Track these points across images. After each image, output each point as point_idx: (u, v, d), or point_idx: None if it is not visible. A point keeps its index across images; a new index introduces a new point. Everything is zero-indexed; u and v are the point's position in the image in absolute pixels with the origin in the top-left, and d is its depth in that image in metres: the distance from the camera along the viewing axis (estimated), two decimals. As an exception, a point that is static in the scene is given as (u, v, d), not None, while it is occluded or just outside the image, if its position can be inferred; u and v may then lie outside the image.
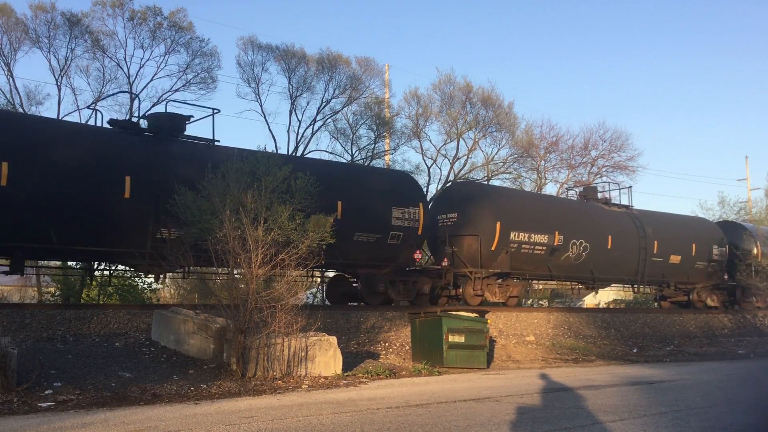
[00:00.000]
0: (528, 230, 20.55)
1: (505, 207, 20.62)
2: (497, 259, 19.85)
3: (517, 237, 20.23)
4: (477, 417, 7.72)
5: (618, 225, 23.94)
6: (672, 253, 25.46)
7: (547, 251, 21.07)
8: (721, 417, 8.05)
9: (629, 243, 23.89)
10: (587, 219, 23.22)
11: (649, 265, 24.59)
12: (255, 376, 10.56)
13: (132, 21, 25.94)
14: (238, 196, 11.20)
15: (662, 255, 25.01)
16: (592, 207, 24.46)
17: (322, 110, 29.71)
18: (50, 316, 12.83)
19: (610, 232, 23.21)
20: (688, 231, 26.73)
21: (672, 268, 25.60)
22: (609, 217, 24.13)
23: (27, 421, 7.29)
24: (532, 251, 20.74)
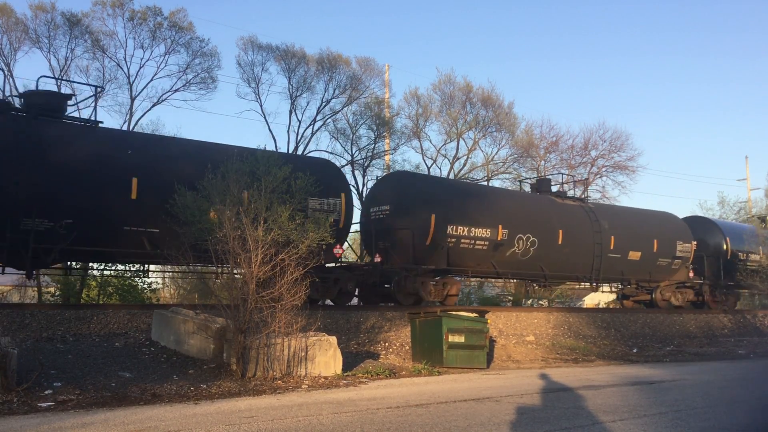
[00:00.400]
0: (468, 224, 19.08)
1: (441, 198, 19.04)
2: (433, 254, 18.50)
3: (456, 231, 18.75)
4: (477, 417, 7.72)
5: (571, 219, 22.38)
6: (631, 249, 23.94)
7: (490, 246, 19.65)
8: (721, 417, 8.05)
9: (583, 238, 22.34)
10: (536, 212, 21.62)
11: (606, 261, 23.05)
12: (255, 376, 10.56)
13: (132, 21, 25.95)
14: (238, 196, 11.21)
15: (620, 251, 23.52)
16: (541, 200, 22.88)
17: (322, 110, 29.74)
18: (50, 316, 12.83)
19: (561, 226, 21.66)
20: (649, 226, 25.16)
21: (632, 265, 24.09)
22: (561, 210, 22.48)
23: (27, 421, 7.29)
24: (473, 246, 19.29)
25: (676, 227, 26.17)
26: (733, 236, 27.55)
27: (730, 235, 27.27)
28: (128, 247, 14.40)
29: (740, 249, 27.20)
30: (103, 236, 14.20)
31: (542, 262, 21.23)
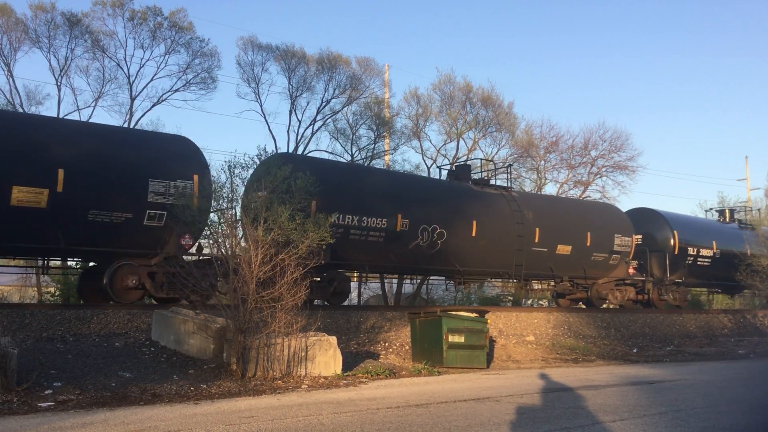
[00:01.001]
0: (358, 212, 17.04)
1: (326, 182, 16.20)
2: None
3: (342, 221, 16.58)
4: (477, 417, 7.72)
5: (488, 209, 20.41)
6: (560, 242, 21.79)
7: (387, 238, 17.63)
8: (721, 417, 8.05)
9: (502, 230, 20.37)
10: (445, 201, 19.64)
11: (530, 256, 21.00)
12: (255, 376, 10.56)
13: (132, 21, 25.93)
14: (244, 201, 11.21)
15: (546, 245, 21.36)
16: (453, 187, 20.87)
17: (322, 110, 29.71)
18: (50, 316, 12.83)
19: (475, 216, 19.80)
20: (583, 218, 23.13)
21: (562, 261, 21.99)
22: (477, 199, 20.55)
23: (27, 421, 7.29)
24: (365, 238, 17.26)
25: (615, 219, 24.19)
26: (683, 229, 25.80)
27: (678, 229, 25.50)
28: None
29: (690, 243, 25.65)
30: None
31: (453, 256, 19.21)
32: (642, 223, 25.34)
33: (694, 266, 25.81)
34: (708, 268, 26.35)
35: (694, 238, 26.02)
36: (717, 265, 26.61)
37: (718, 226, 28.86)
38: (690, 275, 25.78)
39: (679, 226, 25.67)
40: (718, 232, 27.80)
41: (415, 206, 18.45)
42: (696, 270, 25.96)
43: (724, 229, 28.55)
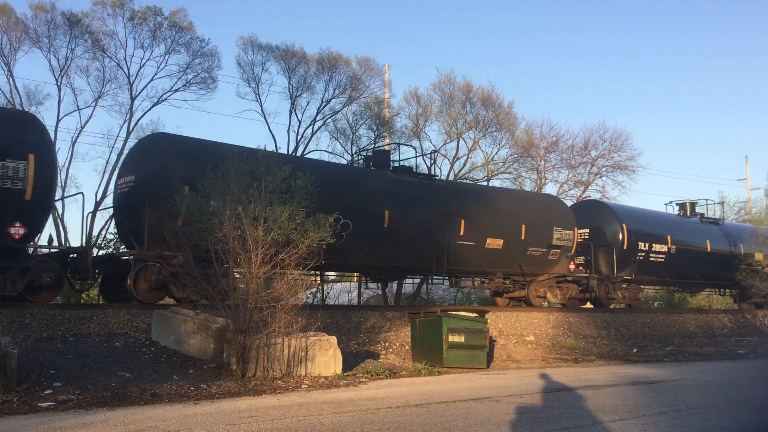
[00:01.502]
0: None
1: (197, 162, 13.92)
2: None
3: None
4: (477, 417, 7.72)
5: (405, 198, 18.51)
6: (490, 235, 19.80)
7: None
8: (721, 417, 8.05)
9: (421, 222, 18.39)
10: (351, 188, 17.64)
11: (455, 250, 19.14)
12: (255, 376, 10.56)
13: (132, 21, 25.91)
14: (239, 196, 11.21)
15: (474, 238, 19.29)
16: (364, 174, 19.01)
17: (322, 110, 29.71)
18: (50, 316, 12.82)
19: (389, 206, 17.91)
20: (517, 209, 21.14)
21: (493, 256, 20.01)
22: (392, 187, 18.57)
23: (27, 421, 7.29)
24: None
25: (555, 211, 22.04)
26: (633, 223, 23.77)
27: (628, 222, 23.48)
28: None
29: (642, 238, 23.67)
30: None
31: (361, 250, 17.23)
32: (590, 216, 23.63)
33: (646, 263, 23.78)
34: (662, 265, 24.38)
35: (647, 232, 24.06)
36: (673, 262, 24.70)
37: (675, 220, 26.93)
38: (641, 272, 23.85)
39: (629, 220, 23.75)
40: (675, 227, 25.89)
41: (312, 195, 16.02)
42: (649, 267, 24.00)
43: (683, 224, 26.76)
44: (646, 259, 23.80)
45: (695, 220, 27.44)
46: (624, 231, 23.02)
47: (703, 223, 27.51)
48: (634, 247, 23.30)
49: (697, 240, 26.09)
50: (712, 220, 28.01)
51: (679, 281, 26.49)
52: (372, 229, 17.48)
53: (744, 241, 27.48)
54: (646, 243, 23.78)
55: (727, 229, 27.68)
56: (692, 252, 25.55)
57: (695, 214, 27.90)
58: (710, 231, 27.05)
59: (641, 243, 23.54)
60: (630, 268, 23.17)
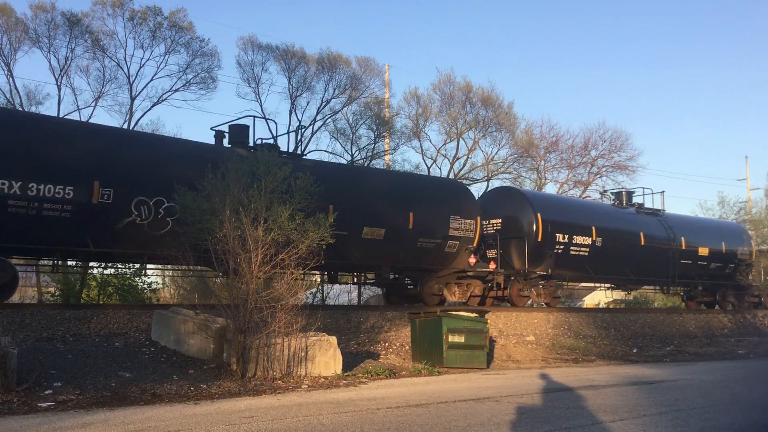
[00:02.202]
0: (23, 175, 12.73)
1: None
2: None
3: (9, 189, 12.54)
4: (477, 417, 7.72)
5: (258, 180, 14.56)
6: (367, 224, 17.06)
7: (75, 213, 13.26)
8: (721, 417, 8.06)
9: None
10: (187, 166, 14.35)
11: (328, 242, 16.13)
12: (255, 376, 10.56)
13: (132, 21, 25.91)
14: (239, 196, 11.21)
15: (346, 227, 15.73)
16: (210, 149, 15.92)
17: (322, 110, 29.72)
18: (50, 316, 12.82)
19: None
20: (403, 194, 18.39)
21: (372, 248, 17.23)
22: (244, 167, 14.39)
23: (27, 421, 7.29)
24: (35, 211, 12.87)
25: (452, 198, 19.34)
26: (550, 212, 21.13)
27: (544, 211, 20.82)
28: None
29: (560, 229, 21.04)
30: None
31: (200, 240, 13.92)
32: (504, 204, 21.32)
33: (565, 256, 21.14)
34: (586, 259, 21.73)
35: (566, 222, 21.39)
36: (598, 256, 22.03)
37: (603, 209, 24.37)
38: (561, 267, 21.24)
39: (546, 208, 21.15)
40: (603, 217, 23.15)
41: (128, 170, 13.99)
42: (569, 261, 21.36)
43: (613, 214, 24.10)
44: (566, 253, 21.16)
45: (631, 210, 24.87)
46: (538, 221, 20.40)
47: (639, 213, 24.87)
48: (550, 239, 20.65)
49: (629, 232, 23.47)
50: (651, 211, 25.45)
51: (607, 277, 23.71)
52: None
53: (687, 233, 25.35)
54: (566, 235, 21.11)
55: (667, 221, 25.14)
56: (622, 245, 22.97)
57: (632, 204, 25.43)
58: (646, 222, 24.48)
59: (559, 235, 20.90)
60: (546, 262, 20.66)
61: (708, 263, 25.99)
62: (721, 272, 26.63)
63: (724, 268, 26.59)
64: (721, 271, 26.61)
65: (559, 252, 20.96)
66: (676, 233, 24.93)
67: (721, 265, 26.47)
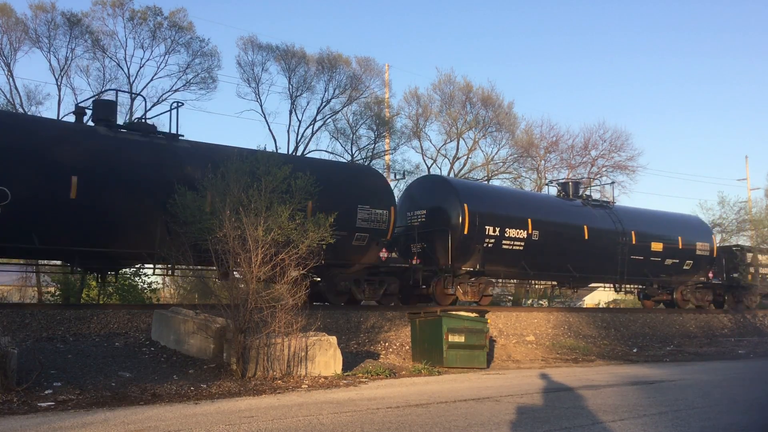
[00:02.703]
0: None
1: None
2: None
3: None
4: (477, 417, 7.73)
5: (120, 162, 14.20)
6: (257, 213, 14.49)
7: None
8: (721, 417, 8.06)
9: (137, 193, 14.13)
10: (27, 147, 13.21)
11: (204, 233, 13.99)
12: (255, 376, 10.56)
13: (132, 21, 25.95)
14: (238, 196, 11.21)
15: None
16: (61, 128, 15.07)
17: (322, 110, 29.74)
18: (50, 316, 12.83)
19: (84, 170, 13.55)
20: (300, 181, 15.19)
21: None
22: (100, 147, 14.23)
23: (27, 421, 7.29)
24: None
25: (362, 186, 17.50)
26: (479, 204, 19.29)
27: (471, 202, 19.01)
28: None
29: (490, 221, 19.23)
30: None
31: (34, 228, 13.10)
32: (431, 194, 19.62)
33: (497, 251, 19.41)
34: (521, 254, 19.97)
35: (497, 214, 19.64)
36: (535, 251, 20.29)
37: (541, 201, 22.65)
38: (492, 263, 19.55)
39: (474, 199, 19.34)
40: (541, 209, 21.34)
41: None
42: (502, 256, 19.61)
43: (554, 206, 22.28)
44: (497, 247, 19.39)
45: (576, 202, 23.02)
46: (465, 212, 18.61)
47: (585, 205, 23.02)
48: (479, 232, 18.92)
49: (571, 225, 21.68)
50: (599, 203, 23.86)
51: (546, 274, 21.85)
52: (54, 199, 13.22)
53: (638, 227, 23.66)
54: (497, 227, 19.34)
55: (617, 214, 23.39)
56: (563, 239, 21.21)
57: (579, 196, 23.66)
58: (592, 215, 22.64)
59: (489, 227, 19.15)
60: (475, 257, 18.99)
61: (662, 259, 24.31)
62: (677, 269, 24.94)
63: (681, 264, 24.95)
64: (678, 267, 24.93)
65: (489, 246, 19.24)
66: (626, 227, 23.17)
67: (678, 261, 24.83)
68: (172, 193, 13.69)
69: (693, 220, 27.15)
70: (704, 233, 26.30)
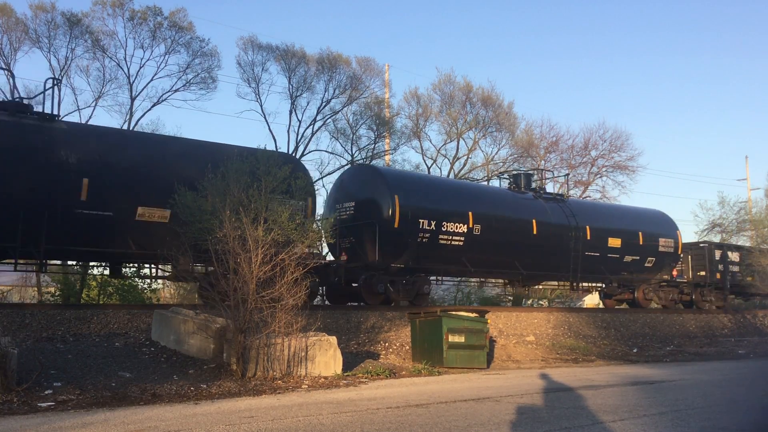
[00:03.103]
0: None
1: None
2: None
3: None
4: (477, 417, 7.72)
5: None
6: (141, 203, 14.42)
7: None
8: (721, 417, 8.06)
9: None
10: None
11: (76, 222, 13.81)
12: (255, 376, 10.56)
13: (132, 21, 25.94)
14: (239, 196, 11.21)
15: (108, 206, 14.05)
16: None
17: (322, 110, 29.73)
18: (50, 316, 12.83)
19: None
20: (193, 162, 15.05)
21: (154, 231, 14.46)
22: None
23: (27, 421, 7.29)
24: None
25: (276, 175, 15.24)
26: (412, 195, 17.85)
27: (403, 193, 17.53)
28: None
29: (425, 215, 17.73)
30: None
31: None
32: (362, 185, 18.28)
33: (433, 246, 17.93)
34: (461, 251, 18.48)
35: (433, 207, 18.13)
36: (477, 247, 18.80)
37: (486, 193, 21.06)
38: (428, 259, 18.18)
39: (406, 190, 17.86)
40: (484, 202, 19.89)
41: None
42: (438, 252, 18.16)
43: (500, 199, 20.82)
44: (433, 243, 17.90)
45: (528, 195, 21.63)
46: (395, 204, 17.11)
47: (537, 198, 21.53)
48: (412, 226, 17.50)
49: (517, 219, 20.25)
50: (552, 196, 22.33)
51: (491, 272, 20.81)
52: None
53: (594, 222, 22.21)
54: (432, 221, 17.80)
55: (570, 208, 21.85)
56: (509, 234, 19.75)
57: (532, 189, 22.24)
58: (542, 209, 21.10)
59: (423, 221, 17.61)
60: (407, 254, 17.67)
61: (621, 256, 22.79)
62: (638, 266, 23.52)
63: (642, 261, 23.53)
64: (638, 265, 23.51)
65: (424, 241, 17.71)
66: (580, 222, 21.59)
67: (638, 258, 23.39)
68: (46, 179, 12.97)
69: (656, 214, 25.70)
70: (668, 228, 24.82)
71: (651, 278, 24.44)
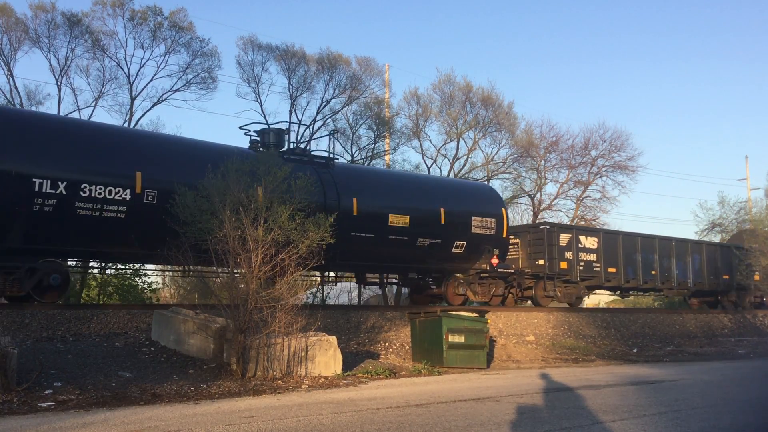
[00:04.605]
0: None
1: None
2: None
3: None
4: (477, 417, 7.72)
5: None
6: None
7: None
8: (720, 417, 8.06)
9: None
10: None
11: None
12: (255, 376, 10.56)
13: (132, 21, 25.90)
14: (238, 196, 11.20)
15: None
16: None
17: (322, 110, 29.72)
18: (50, 316, 12.82)
19: None
20: None
21: None
22: None
23: (27, 421, 7.29)
24: None
25: None
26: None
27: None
28: None
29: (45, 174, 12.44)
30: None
31: None
32: None
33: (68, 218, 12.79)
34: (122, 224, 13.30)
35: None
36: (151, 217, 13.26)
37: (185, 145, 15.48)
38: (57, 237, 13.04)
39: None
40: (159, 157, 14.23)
41: None
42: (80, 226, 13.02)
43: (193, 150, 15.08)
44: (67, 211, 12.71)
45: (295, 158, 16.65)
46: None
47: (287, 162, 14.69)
48: None
49: None
50: (311, 159, 17.20)
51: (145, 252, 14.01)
52: None
53: (366, 194, 16.95)
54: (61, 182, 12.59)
55: (334, 176, 16.66)
56: None
57: (286, 149, 17.13)
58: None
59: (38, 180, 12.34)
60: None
61: (411, 238, 17.38)
62: (441, 253, 18.16)
63: (446, 246, 18.16)
64: (442, 250, 18.13)
65: (49, 210, 12.50)
66: (342, 191, 16.36)
67: (440, 242, 18.03)
68: None
69: (473, 187, 20.70)
70: (488, 205, 19.26)
71: (467, 268, 19.04)
